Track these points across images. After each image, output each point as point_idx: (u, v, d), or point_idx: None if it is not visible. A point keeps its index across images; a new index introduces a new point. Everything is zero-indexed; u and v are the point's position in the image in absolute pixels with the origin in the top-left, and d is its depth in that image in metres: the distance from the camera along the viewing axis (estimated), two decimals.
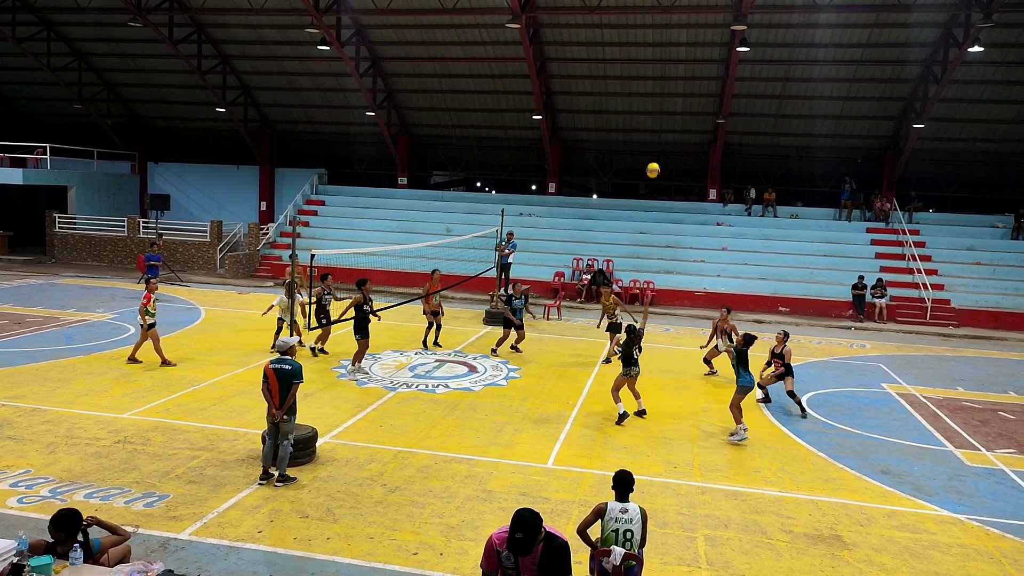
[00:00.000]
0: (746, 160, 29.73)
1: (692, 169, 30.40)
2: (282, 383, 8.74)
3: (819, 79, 25.80)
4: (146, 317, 13.68)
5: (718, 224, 28.08)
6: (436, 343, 16.64)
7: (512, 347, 16.52)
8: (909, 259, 25.15)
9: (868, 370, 16.45)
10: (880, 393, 14.41)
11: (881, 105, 26.69)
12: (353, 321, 13.86)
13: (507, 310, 16.40)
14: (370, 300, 14.13)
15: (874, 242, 26.53)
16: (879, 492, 9.39)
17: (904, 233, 26.17)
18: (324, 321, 15.13)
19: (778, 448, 10.86)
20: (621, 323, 15.72)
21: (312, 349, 15.30)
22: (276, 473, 8.74)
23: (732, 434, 11.10)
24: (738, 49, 22.76)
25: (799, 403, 12.73)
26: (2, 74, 33.84)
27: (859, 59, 24.87)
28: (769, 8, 22.99)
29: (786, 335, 13.39)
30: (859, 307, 23.18)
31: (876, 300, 23.18)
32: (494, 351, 16.21)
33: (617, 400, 11.76)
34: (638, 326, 11.93)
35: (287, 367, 8.84)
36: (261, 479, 8.71)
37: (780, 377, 12.94)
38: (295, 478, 8.82)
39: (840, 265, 25.22)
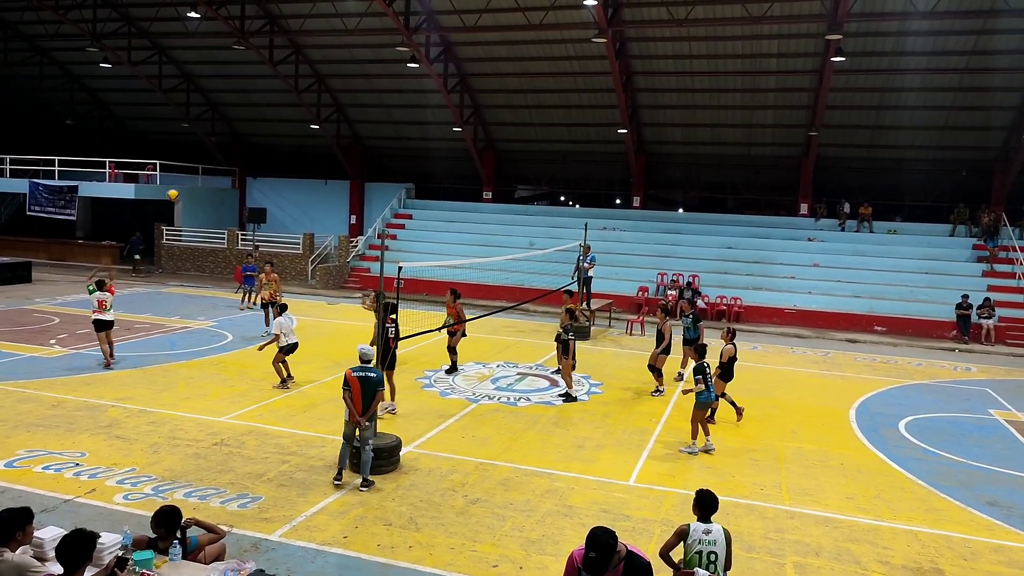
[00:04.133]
0: (840, 173, 28.66)
1: (782, 183, 29.55)
2: (366, 391, 8.99)
3: (920, 89, 24.68)
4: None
5: (809, 239, 27.17)
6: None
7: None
8: (1020, 277, 23.63)
9: (973, 395, 15.51)
10: (987, 420, 13.56)
11: (989, 115, 25.28)
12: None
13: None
14: (392, 318, 11.65)
15: (980, 259, 25.07)
16: (985, 525, 8.83)
17: (1015, 250, 24.62)
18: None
19: (873, 474, 10.37)
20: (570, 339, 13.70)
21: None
22: (361, 478, 8.96)
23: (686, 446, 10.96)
24: (833, 59, 22.05)
25: (735, 407, 12.46)
26: (117, 95, 36.33)
27: (964, 67, 23.66)
28: (866, 16, 22.18)
29: (732, 333, 12.71)
30: (964, 328, 21.92)
31: (983, 320, 21.85)
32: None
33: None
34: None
35: (372, 375, 9.10)
36: (336, 480, 8.96)
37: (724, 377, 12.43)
38: (373, 482, 9.04)
39: (942, 283, 23.92)
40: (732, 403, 12.47)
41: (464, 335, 15.46)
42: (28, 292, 23.31)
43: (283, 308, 14.27)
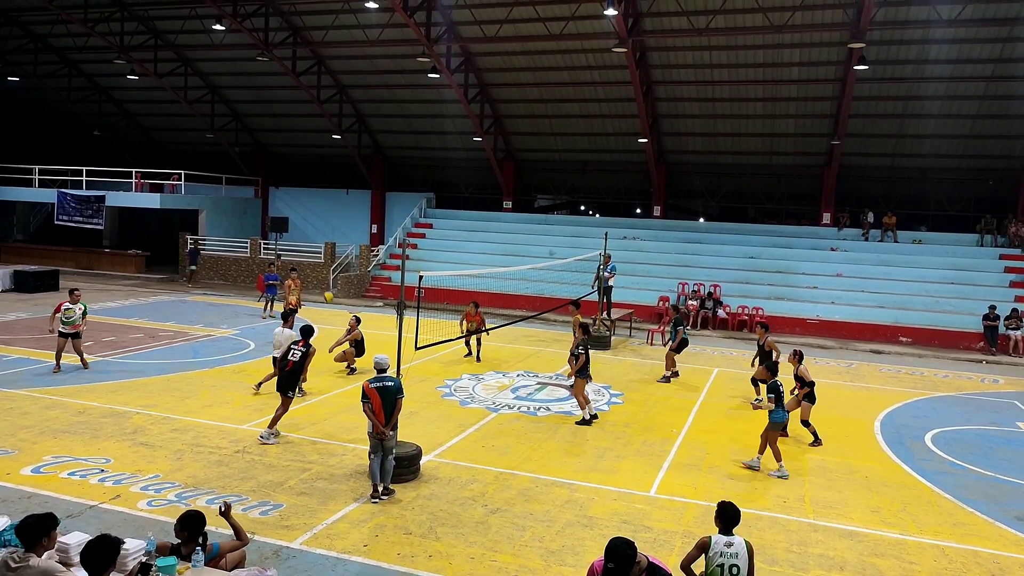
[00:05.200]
0: (863, 183, 28.40)
1: (804, 192, 29.34)
2: (386, 401, 8.96)
3: (945, 97, 24.43)
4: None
5: (832, 249, 26.91)
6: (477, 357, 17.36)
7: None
8: None
9: (1001, 407, 15.25)
10: (1015, 433, 13.32)
11: (1016, 123, 24.95)
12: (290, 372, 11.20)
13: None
14: (307, 349, 11.32)
15: (1008, 269, 24.67)
16: (1014, 540, 8.66)
17: None
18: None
19: (898, 487, 10.22)
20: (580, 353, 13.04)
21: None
22: (382, 487, 8.97)
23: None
24: (856, 67, 21.89)
25: (813, 432, 12.00)
26: (143, 107, 36.90)
27: (990, 75, 23.39)
28: (889, 24, 22.02)
29: (799, 355, 12.47)
30: (991, 339, 21.57)
31: (1010, 332, 21.49)
32: None
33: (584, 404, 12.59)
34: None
35: (390, 384, 9.08)
36: (373, 497, 8.87)
37: (809, 399, 12.13)
38: (394, 491, 9.06)
39: (969, 294, 23.57)
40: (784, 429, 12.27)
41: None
42: (56, 300, 23.60)
43: (284, 317, 13.98)
